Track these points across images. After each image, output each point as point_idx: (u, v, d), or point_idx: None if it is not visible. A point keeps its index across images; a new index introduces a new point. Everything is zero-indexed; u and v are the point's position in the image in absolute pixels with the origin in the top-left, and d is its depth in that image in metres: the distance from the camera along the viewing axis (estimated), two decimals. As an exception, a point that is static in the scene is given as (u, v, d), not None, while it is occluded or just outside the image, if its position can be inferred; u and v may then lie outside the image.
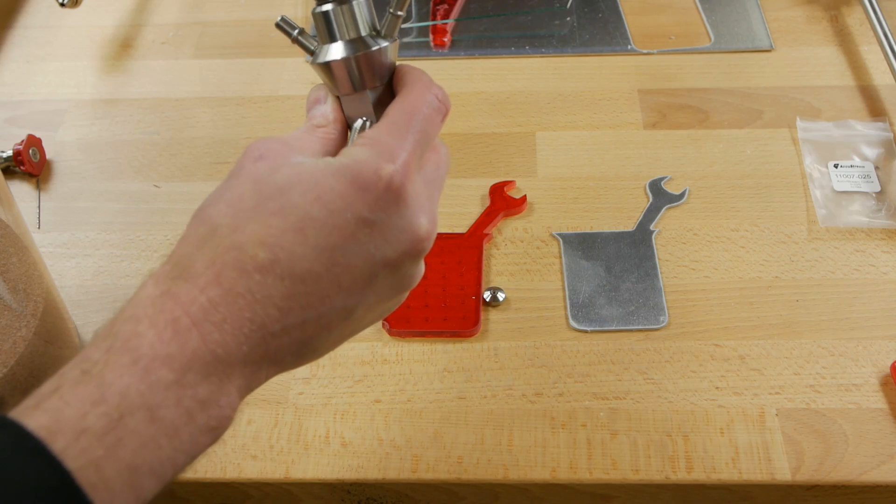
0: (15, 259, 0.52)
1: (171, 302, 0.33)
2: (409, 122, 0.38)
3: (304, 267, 0.34)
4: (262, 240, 0.34)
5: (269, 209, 0.34)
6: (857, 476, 0.51)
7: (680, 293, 0.61)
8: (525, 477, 0.52)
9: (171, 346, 0.32)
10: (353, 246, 0.35)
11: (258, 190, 0.35)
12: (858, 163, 0.68)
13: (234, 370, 0.33)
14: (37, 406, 0.30)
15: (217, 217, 0.35)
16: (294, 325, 0.34)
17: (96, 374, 0.31)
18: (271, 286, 0.33)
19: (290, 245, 0.34)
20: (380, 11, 0.42)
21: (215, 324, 0.33)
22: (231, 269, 0.33)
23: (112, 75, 0.80)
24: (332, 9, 0.41)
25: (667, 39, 0.80)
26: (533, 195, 0.67)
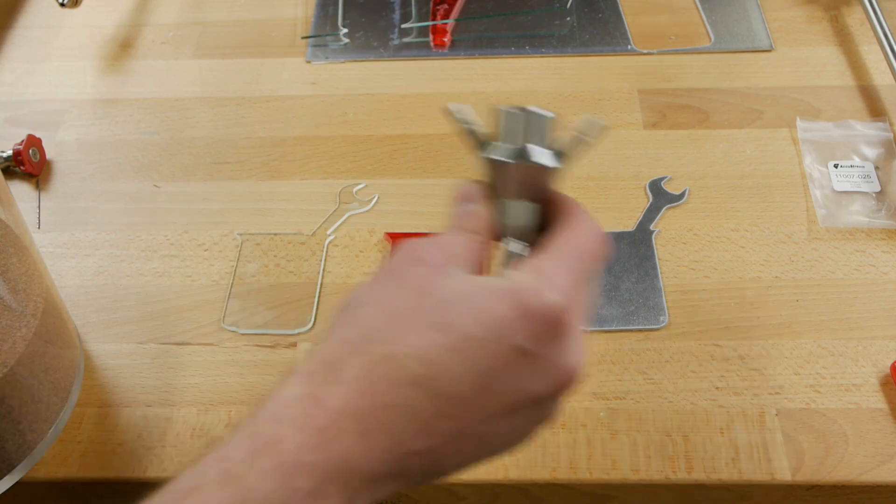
0: (15, 259, 0.52)
1: (319, 408, 0.32)
2: (576, 258, 0.36)
3: (456, 388, 0.33)
4: (420, 354, 0.33)
5: (429, 323, 0.33)
6: (857, 476, 0.51)
7: (680, 293, 0.60)
8: (525, 477, 0.52)
9: (315, 453, 0.31)
10: (507, 374, 0.34)
11: (418, 300, 0.34)
12: (858, 163, 0.68)
13: (368, 483, 0.32)
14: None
15: (372, 321, 0.34)
16: (435, 445, 0.33)
17: (239, 475, 0.30)
18: (422, 402, 0.32)
19: (447, 363, 0.33)
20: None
21: (360, 434, 0.32)
22: (384, 380, 0.32)
23: (112, 75, 0.80)
24: (533, 111, 0.39)
25: (667, 39, 0.80)
26: (533, 195, 0.67)
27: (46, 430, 0.53)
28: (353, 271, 0.63)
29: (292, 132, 0.73)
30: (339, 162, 0.71)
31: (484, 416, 0.34)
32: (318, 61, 0.80)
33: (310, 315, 0.61)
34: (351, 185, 0.69)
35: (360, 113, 0.75)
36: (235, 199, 0.69)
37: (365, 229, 0.66)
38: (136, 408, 0.56)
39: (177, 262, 0.64)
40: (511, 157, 0.39)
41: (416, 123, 0.74)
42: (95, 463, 0.54)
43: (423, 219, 0.66)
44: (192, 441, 0.54)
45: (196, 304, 0.62)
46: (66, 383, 0.55)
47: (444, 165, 0.70)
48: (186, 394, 0.57)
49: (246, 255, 0.64)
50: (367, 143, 0.72)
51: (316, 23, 0.84)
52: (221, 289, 0.62)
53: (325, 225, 0.66)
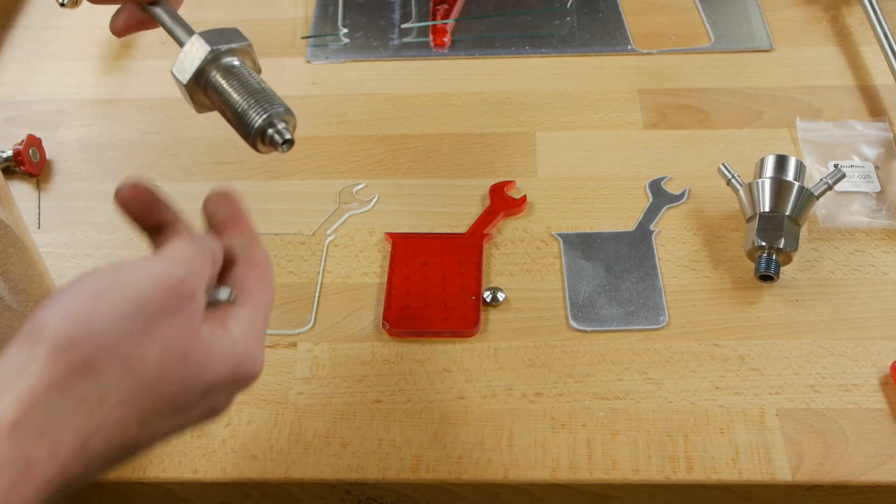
0: (15, 259, 0.52)
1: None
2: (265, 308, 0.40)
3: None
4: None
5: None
6: (857, 476, 0.51)
7: (680, 293, 0.60)
8: (525, 477, 0.52)
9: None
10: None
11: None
12: (858, 163, 0.68)
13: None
14: None
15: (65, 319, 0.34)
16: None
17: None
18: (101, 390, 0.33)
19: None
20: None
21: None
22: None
23: (112, 75, 0.80)
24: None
25: (667, 39, 0.80)
26: (533, 195, 0.67)
27: (46, 430, 0.53)
28: (353, 271, 0.63)
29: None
30: (338, 162, 0.71)
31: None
32: (318, 61, 0.80)
33: (310, 315, 0.61)
34: (351, 185, 0.69)
35: (360, 113, 0.75)
36: (235, 199, 0.68)
37: (365, 229, 0.66)
38: (136, 408, 0.56)
39: (177, 262, 0.64)
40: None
41: (416, 123, 0.74)
42: (95, 463, 0.54)
43: (423, 219, 0.66)
44: (192, 441, 0.54)
45: (196, 304, 0.62)
46: (66, 383, 0.55)
47: (444, 165, 0.70)
48: (186, 394, 0.57)
49: (246, 255, 0.64)
50: (366, 143, 0.72)
51: (316, 23, 0.84)
52: (221, 289, 0.62)
53: (325, 225, 0.66)
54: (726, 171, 0.64)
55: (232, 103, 0.44)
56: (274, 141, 0.44)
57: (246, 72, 0.45)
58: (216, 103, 0.46)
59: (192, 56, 0.45)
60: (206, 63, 0.45)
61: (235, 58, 0.46)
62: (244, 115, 0.44)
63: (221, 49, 0.45)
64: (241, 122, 0.44)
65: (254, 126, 0.44)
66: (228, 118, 0.45)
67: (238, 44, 0.46)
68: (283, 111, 0.44)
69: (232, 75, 0.45)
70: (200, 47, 0.45)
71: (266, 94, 0.44)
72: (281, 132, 0.44)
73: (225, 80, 0.45)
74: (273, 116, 0.44)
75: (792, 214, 0.59)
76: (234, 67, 0.45)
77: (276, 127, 0.44)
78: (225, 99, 0.45)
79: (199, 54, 0.45)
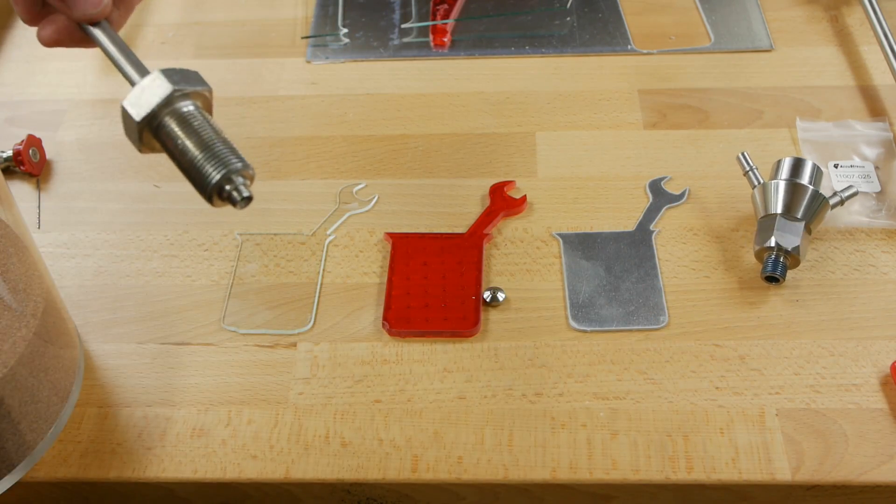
0: (15, 259, 0.52)
1: None
2: None
3: None
4: None
5: None
6: (857, 476, 0.51)
7: (680, 293, 0.60)
8: (525, 477, 0.52)
9: None
10: None
11: None
12: (858, 163, 0.68)
13: None
14: None
15: None
16: None
17: None
18: None
19: None
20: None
21: None
22: None
23: (112, 75, 0.80)
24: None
25: (667, 39, 0.80)
26: (533, 195, 0.67)
27: (46, 430, 0.53)
28: (353, 271, 0.63)
29: (292, 132, 0.73)
30: (339, 162, 0.71)
31: None
32: (318, 61, 0.80)
33: (310, 315, 0.61)
34: (351, 185, 0.69)
35: (360, 113, 0.75)
36: (235, 199, 0.69)
37: (365, 229, 0.66)
38: (136, 408, 0.56)
39: (177, 262, 0.64)
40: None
41: (416, 123, 0.74)
42: (95, 463, 0.54)
43: (423, 219, 0.66)
44: (192, 441, 0.54)
45: (196, 304, 0.62)
46: (66, 383, 0.55)
47: (443, 165, 0.70)
48: (186, 394, 0.57)
49: (246, 255, 0.64)
50: (367, 143, 0.72)
51: (316, 23, 0.84)
52: (221, 289, 0.62)
53: (325, 225, 0.66)
54: (745, 162, 0.63)
55: (187, 153, 0.42)
56: (232, 198, 0.41)
57: (203, 119, 0.43)
58: (168, 148, 0.42)
59: (151, 93, 0.42)
60: (165, 102, 0.42)
61: (192, 102, 0.43)
62: (200, 168, 0.41)
63: (185, 90, 0.42)
64: (196, 175, 0.42)
65: (211, 182, 0.41)
66: (181, 167, 0.42)
67: (199, 87, 0.43)
68: (242, 166, 0.42)
69: (188, 121, 0.42)
70: (162, 85, 0.42)
71: (225, 146, 0.42)
72: (239, 189, 0.41)
73: (180, 126, 0.42)
74: (231, 172, 0.41)
75: (807, 220, 0.59)
76: (190, 113, 0.42)
77: (234, 183, 0.41)
78: (180, 146, 0.42)
79: (160, 92, 0.42)
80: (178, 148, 0.42)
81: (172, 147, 0.42)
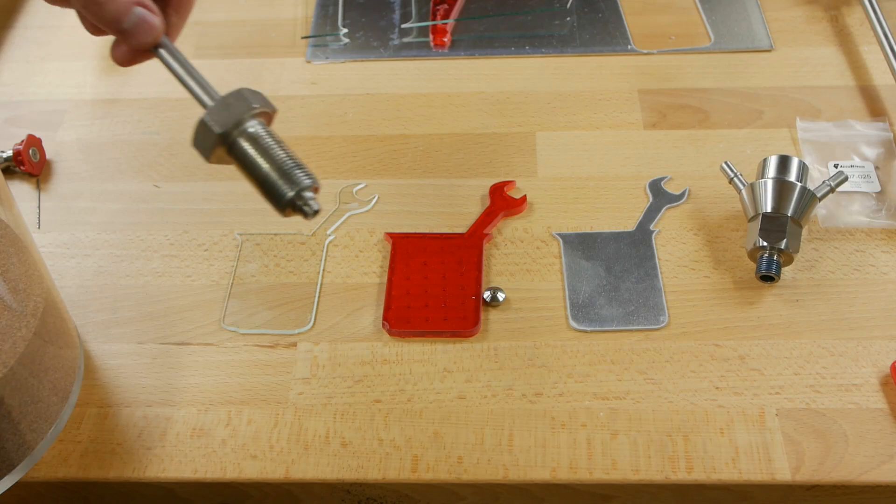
0: (15, 259, 0.52)
1: None
2: None
3: None
4: None
5: None
6: (857, 476, 0.51)
7: (680, 293, 0.61)
8: (525, 477, 0.52)
9: None
10: None
11: None
12: (858, 163, 0.68)
13: None
14: None
15: None
16: None
17: None
18: None
19: None
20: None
21: None
22: None
23: (112, 75, 0.80)
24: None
25: (667, 39, 0.80)
26: (533, 195, 0.67)
27: (46, 430, 0.53)
28: (353, 271, 0.63)
29: (292, 132, 0.73)
30: (338, 162, 0.71)
31: None
32: (318, 61, 0.80)
33: (310, 315, 0.61)
34: (351, 185, 0.69)
35: (360, 113, 0.75)
36: (235, 199, 0.69)
37: (365, 229, 0.66)
38: (136, 408, 0.56)
39: (177, 262, 0.64)
40: None
41: (416, 123, 0.74)
42: (95, 463, 0.54)
43: (423, 219, 0.66)
44: (192, 441, 0.54)
45: (196, 304, 0.62)
46: (66, 383, 0.55)
47: (444, 165, 0.70)
48: (186, 394, 0.57)
49: (246, 255, 0.64)
50: (367, 143, 0.72)
51: (316, 23, 0.84)
52: (221, 289, 0.62)
53: (325, 225, 0.66)
54: (728, 170, 0.64)
55: (260, 171, 0.46)
56: (303, 212, 0.46)
57: (273, 138, 0.46)
58: (241, 164, 0.46)
59: (234, 110, 0.46)
60: (241, 121, 0.46)
61: (260, 122, 0.47)
62: (274, 186, 0.46)
63: (257, 110, 0.46)
64: (270, 191, 0.46)
65: (285, 199, 0.45)
66: (254, 182, 0.46)
67: (268, 109, 0.47)
68: (310, 182, 0.46)
69: (259, 141, 0.46)
70: (243, 104, 0.46)
71: (293, 163, 0.46)
72: (309, 204, 0.46)
73: (252, 145, 0.46)
74: (302, 189, 0.45)
75: (794, 215, 0.59)
76: (260, 134, 0.46)
77: (305, 199, 0.46)
78: (253, 164, 0.46)
79: (238, 112, 0.46)
80: (251, 165, 0.46)
81: (245, 164, 0.46)
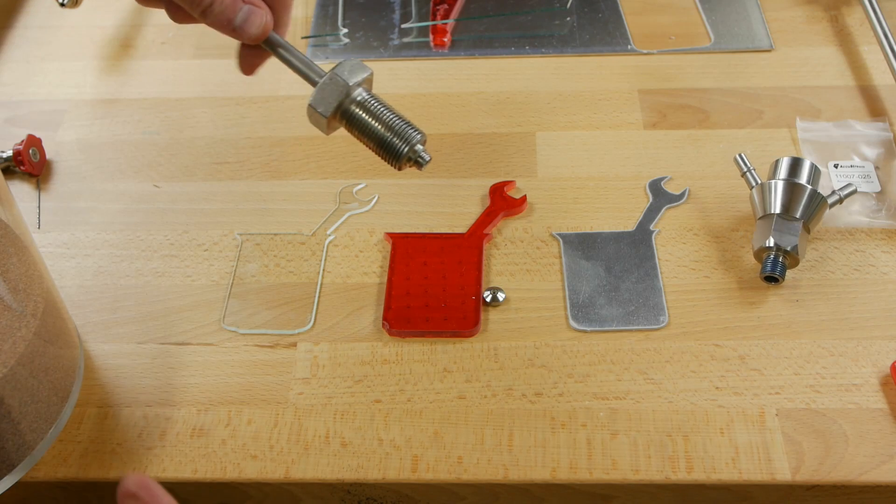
0: (15, 259, 0.52)
1: None
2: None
3: None
4: None
5: None
6: (857, 476, 0.51)
7: (680, 293, 0.61)
8: (525, 477, 0.52)
9: None
10: None
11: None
12: (858, 163, 0.68)
13: None
14: None
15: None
16: None
17: None
18: None
19: None
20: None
21: None
22: None
23: (112, 75, 0.80)
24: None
25: (667, 39, 0.80)
26: (533, 195, 0.67)
27: (46, 430, 0.53)
28: (353, 271, 0.63)
29: (292, 132, 0.73)
30: (339, 162, 0.71)
31: None
32: (318, 61, 0.80)
33: (310, 315, 0.61)
34: (351, 185, 0.69)
35: (360, 113, 0.75)
36: (235, 199, 0.69)
37: (365, 229, 0.66)
38: (136, 408, 0.56)
39: (177, 262, 0.64)
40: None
41: (416, 123, 0.73)
42: (95, 463, 0.54)
43: (423, 219, 0.66)
44: (192, 441, 0.54)
45: (196, 304, 0.62)
46: (66, 383, 0.55)
47: (444, 165, 0.70)
48: (186, 394, 0.57)
49: (246, 255, 0.64)
50: (367, 143, 0.72)
51: (316, 23, 0.84)
52: (221, 289, 0.62)
53: (325, 225, 0.66)
54: (742, 163, 0.64)
55: (375, 133, 0.51)
56: (418, 163, 0.52)
57: (378, 101, 0.51)
58: (356, 131, 0.52)
59: (332, 91, 0.51)
60: (344, 96, 0.51)
61: (364, 88, 0.52)
62: (389, 145, 0.51)
63: (357, 81, 0.51)
64: (386, 150, 0.51)
65: (402, 154, 0.51)
66: (370, 144, 0.52)
67: (367, 74, 0.52)
68: (422, 137, 0.52)
69: (368, 108, 0.51)
70: (339, 83, 0.50)
71: (402, 122, 0.51)
72: (422, 156, 0.52)
73: (363, 111, 0.51)
74: (414, 144, 0.51)
75: (805, 220, 0.59)
76: (367, 101, 0.51)
77: (418, 153, 0.52)
78: (367, 129, 0.51)
79: (339, 90, 0.50)
80: (366, 129, 0.51)
81: (361, 129, 0.52)
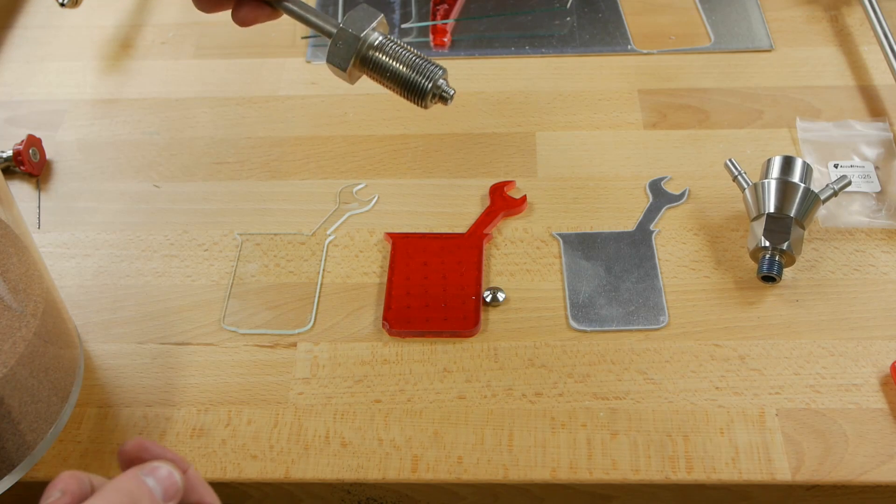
0: (15, 259, 0.52)
1: None
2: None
3: None
4: None
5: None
6: (857, 476, 0.51)
7: (680, 293, 0.61)
8: (525, 477, 0.52)
9: None
10: None
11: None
12: (858, 163, 0.68)
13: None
14: None
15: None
16: None
17: None
18: None
19: None
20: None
21: None
22: None
23: (112, 75, 0.80)
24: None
25: (667, 39, 0.80)
26: (533, 195, 0.67)
27: (46, 430, 0.53)
28: (353, 271, 0.63)
29: (292, 132, 0.73)
30: (339, 162, 0.71)
31: None
32: (318, 61, 0.80)
33: (310, 315, 0.61)
34: (351, 185, 0.69)
35: (360, 113, 0.75)
36: (235, 199, 0.69)
37: (365, 229, 0.66)
38: (136, 408, 0.56)
39: (177, 262, 0.64)
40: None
41: (416, 123, 0.74)
42: (95, 463, 0.54)
43: (423, 219, 0.66)
44: (192, 441, 0.54)
45: (196, 304, 0.62)
46: (66, 383, 0.55)
47: (444, 165, 0.70)
48: (186, 394, 0.57)
49: (246, 255, 0.64)
50: (366, 143, 0.72)
51: (316, 23, 0.84)
52: (221, 289, 0.62)
53: (325, 225, 0.66)
54: (733, 168, 0.64)
55: (397, 74, 0.51)
56: (443, 97, 0.52)
57: (394, 43, 0.51)
58: (379, 76, 0.52)
59: (346, 44, 0.51)
60: (360, 45, 0.51)
61: (379, 32, 0.52)
62: (413, 84, 0.51)
63: (370, 27, 0.51)
64: (410, 90, 0.51)
65: (426, 91, 0.51)
66: (393, 86, 0.52)
67: (378, 18, 0.52)
68: (443, 72, 0.51)
69: (386, 50, 0.51)
70: (352, 35, 0.51)
71: (421, 60, 0.51)
72: (446, 90, 0.52)
73: (383, 55, 0.51)
74: (436, 79, 0.51)
75: (797, 217, 0.59)
76: (384, 44, 0.51)
77: (442, 88, 0.51)
78: (389, 72, 0.51)
79: (352, 41, 0.51)
80: (388, 70, 0.51)
81: (382, 71, 0.52)
